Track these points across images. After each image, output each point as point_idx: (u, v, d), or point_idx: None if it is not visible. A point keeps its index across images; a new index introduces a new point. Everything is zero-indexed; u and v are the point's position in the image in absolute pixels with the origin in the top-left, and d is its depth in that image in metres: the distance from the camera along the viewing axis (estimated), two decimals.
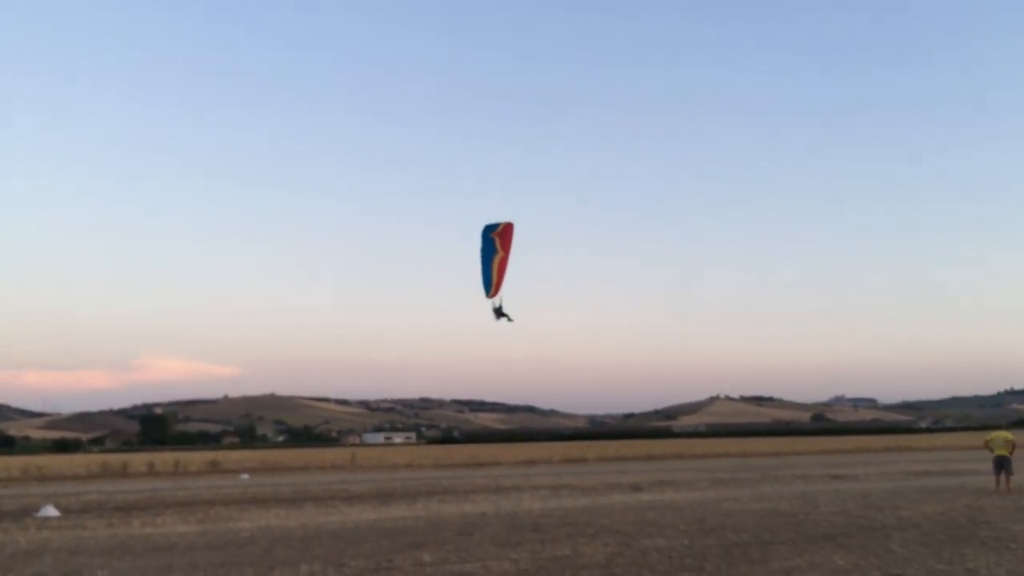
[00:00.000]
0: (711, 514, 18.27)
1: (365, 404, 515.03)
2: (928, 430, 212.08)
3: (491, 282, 21.35)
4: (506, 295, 21.80)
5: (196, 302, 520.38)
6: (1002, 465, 22.76)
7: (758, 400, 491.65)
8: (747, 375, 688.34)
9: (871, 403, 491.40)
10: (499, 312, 22.25)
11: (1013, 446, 23.10)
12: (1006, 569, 10.54)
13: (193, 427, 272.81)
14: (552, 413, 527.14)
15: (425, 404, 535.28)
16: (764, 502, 21.12)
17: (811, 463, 48.61)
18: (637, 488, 28.24)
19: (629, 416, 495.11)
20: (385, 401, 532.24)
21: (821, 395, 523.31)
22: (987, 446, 23.89)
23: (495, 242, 21.07)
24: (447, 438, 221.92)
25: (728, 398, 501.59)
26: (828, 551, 12.39)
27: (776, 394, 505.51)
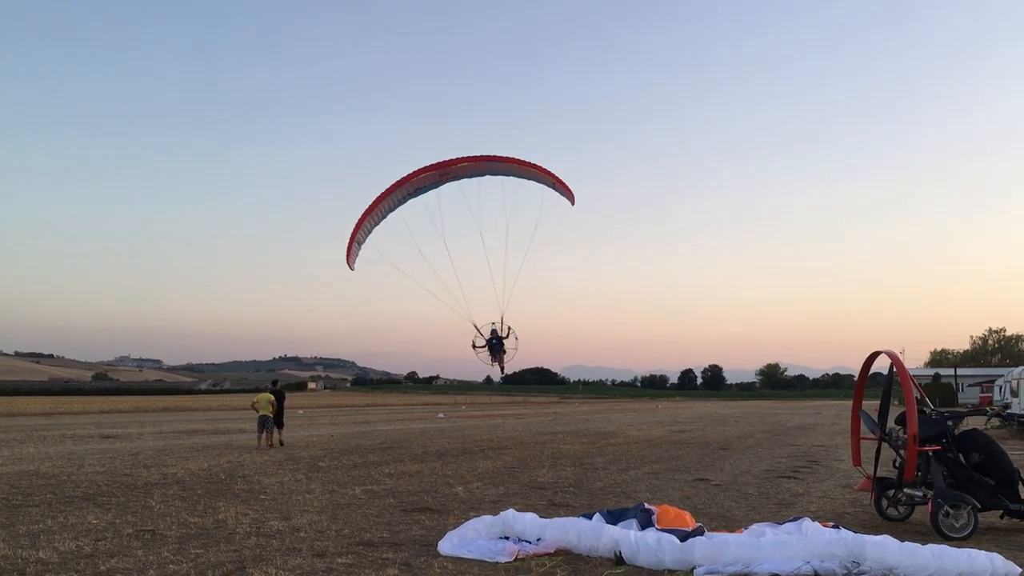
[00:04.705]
0: None
1: None
2: (208, 391, 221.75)
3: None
4: None
5: None
6: (264, 424, 24.83)
7: (35, 356, 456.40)
8: (24, 329, 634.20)
9: (156, 364, 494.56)
10: (493, 346, 17.24)
11: (274, 406, 25.31)
12: (251, 518, 11.51)
13: None
14: None
15: None
16: (24, 463, 19.65)
17: (86, 423, 46.85)
18: None
19: None
20: None
21: (105, 354, 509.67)
22: (254, 407, 25.80)
23: None
24: None
25: (1, 353, 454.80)
26: (84, 511, 12.05)
27: (56, 351, 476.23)
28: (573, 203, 18.92)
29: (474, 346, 18.34)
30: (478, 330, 18.35)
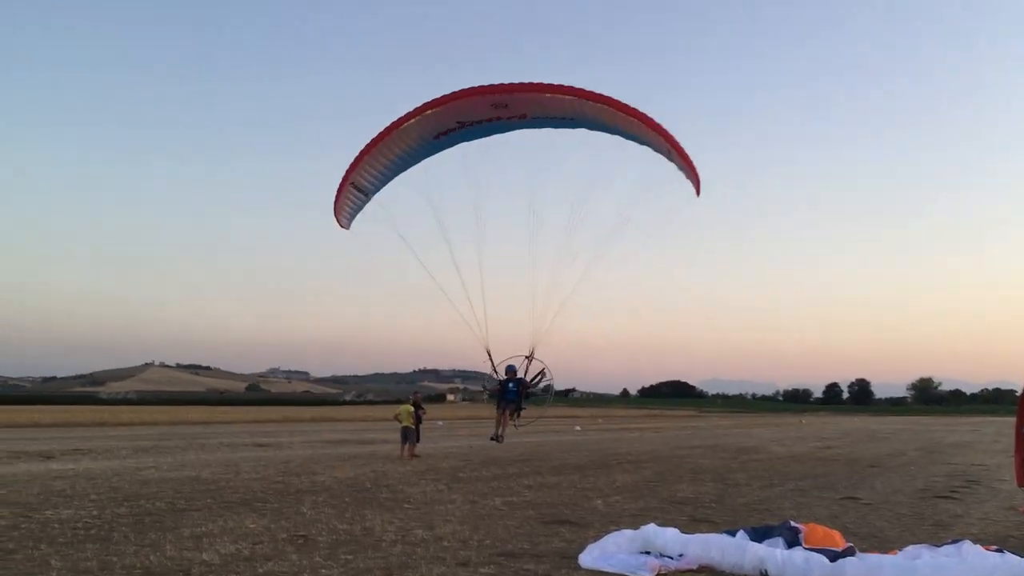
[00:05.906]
0: (127, 483, 17.50)
1: None
2: (352, 402, 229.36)
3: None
4: None
5: None
6: (407, 435, 25.48)
7: (194, 368, 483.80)
8: (184, 343, 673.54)
9: (304, 376, 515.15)
10: (509, 391, 12.92)
11: (413, 418, 25.90)
12: (396, 526, 11.84)
13: None
14: None
15: None
16: (186, 470, 20.86)
17: (240, 432, 49.22)
18: (48, 456, 25.88)
19: (49, 380, 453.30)
20: None
21: (258, 366, 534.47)
22: (396, 418, 26.53)
23: None
24: None
25: (163, 365, 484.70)
26: (242, 515, 12.69)
27: (213, 363, 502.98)
28: (698, 192, 14.20)
29: (483, 389, 14.50)
30: (493, 366, 13.84)
